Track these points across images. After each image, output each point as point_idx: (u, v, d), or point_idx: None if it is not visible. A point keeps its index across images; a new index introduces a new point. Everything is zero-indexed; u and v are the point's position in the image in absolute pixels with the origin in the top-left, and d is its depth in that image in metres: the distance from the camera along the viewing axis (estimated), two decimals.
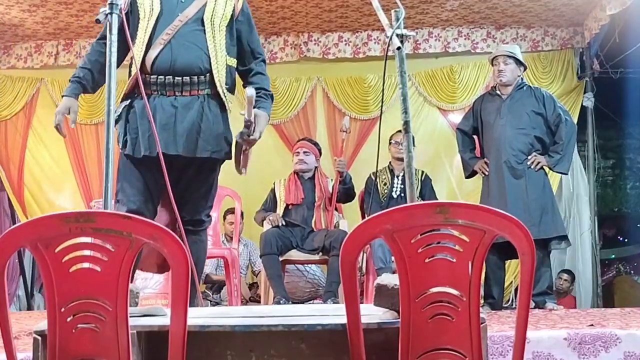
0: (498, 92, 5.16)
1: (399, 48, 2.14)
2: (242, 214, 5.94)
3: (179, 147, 3.03)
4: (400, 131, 2.11)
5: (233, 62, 3.22)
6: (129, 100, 3.10)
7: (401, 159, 5.27)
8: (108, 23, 2.41)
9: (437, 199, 5.61)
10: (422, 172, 5.73)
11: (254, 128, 3.09)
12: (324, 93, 7.24)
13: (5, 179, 7.12)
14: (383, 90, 2.97)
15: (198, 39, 3.10)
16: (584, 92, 7.04)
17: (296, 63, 7.21)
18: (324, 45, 7.11)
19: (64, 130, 3.11)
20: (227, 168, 3.33)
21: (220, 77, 3.11)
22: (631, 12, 6.06)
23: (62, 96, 3.14)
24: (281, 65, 7.15)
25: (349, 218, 5.77)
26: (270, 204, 5.48)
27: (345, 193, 5.43)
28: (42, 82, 7.27)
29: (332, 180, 5.51)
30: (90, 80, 3.13)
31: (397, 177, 5.57)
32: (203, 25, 3.11)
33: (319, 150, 5.61)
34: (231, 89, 3.22)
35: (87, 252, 1.76)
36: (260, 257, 5.09)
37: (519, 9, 6.69)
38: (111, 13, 2.39)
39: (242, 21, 3.26)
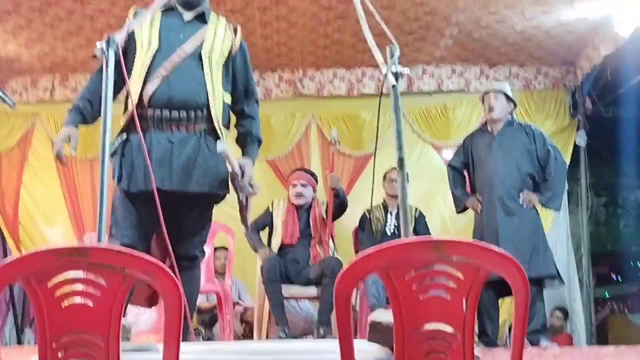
0: (489, 128, 5.19)
1: (393, 86, 2.16)
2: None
3: (175, 183, 3.02)
4: (395, 168, 2.12)
5: (229, 98, 3.24)
6: (125, 135, 3.10)
7: (395, 196, 5.28)
8: (105, 58, 2.42)
9: None
10: (416, 209, 5.72)
11: (242, 176, 3.10)
12: (318, 129, 7.27)
13: None
14: (377, 126, 2.96)
15: (196, 74, 3.10)
16: (577, 131, 7.09)
17: (291, 99, 7.25)
18: (319, 81, 7.17)
19: (64, 159, 3.08)
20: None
21: (217, 113, 3.11)
22: (623, 51, 6.16)
23: (63, 125, 3.12)
24: (276, 101, 7.20)
25: (343, 251, 5.70)
26: (261, 223, 5.44)
27: (339, 207, 5.39)
28: (37, 117, 7.28)
29: (324, 202, 5.49)
30: (89, 110, 3.12)
31: (391, 213, 5.57)
32: (201, 60, 3.12)
33: (316, 180, 5.58)
34: (227, 125, 3.23)
35: (79, 287, 1.75)
36: (263, 283, 5.01)
37: (512, 48, 6.77)
38: (108, 49, 2.40)
39: (238, 59, 3.28)
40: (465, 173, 5.36)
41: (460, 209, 5.32)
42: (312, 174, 5.61)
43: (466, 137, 5.47)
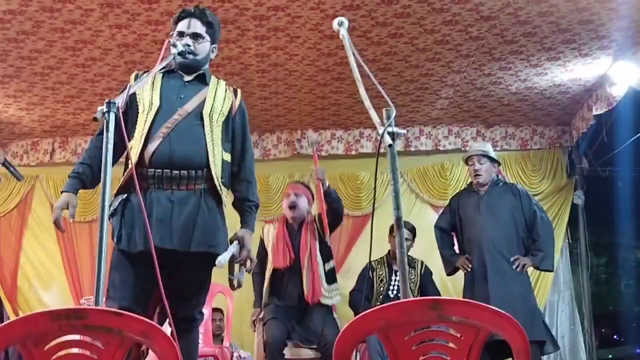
0: (475, 188, 5.19)
1: (390, 145, 2.17)
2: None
3: (175, 242, 3.00)
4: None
5: (228, 157, 3.25)
6: (125, 194, 3.10)
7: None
8: (105, 121, 2.43)
9: (439, 293, 5.57)
10: (422, 262, 5.67)
11: (240, 253, 3.12)
12: (317, 189, 7.25)
13: None
14: (375, 185, 2.98)
15: (196, 133, 3.12)
16: (574, 190, 7.11)
17: (289, 159, 7.29)
18: (317, 142, 7.22)
19: (63, 225, 3.07)
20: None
21: (217, 172, 3.12)
22: (618, 111, 6.23)
23: (62, 192, 3.13)
24: (275, 161, 7.24)
25: (342, 314, 5.61)
26: (260, 257, 4.96)
27: (333, 212, 5.01)
28: (37, 179, 7.31)
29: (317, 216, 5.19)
30: (89, 175, 3.13)
31: (396, 273, 5.50)
32: (202, 120, 3.14)
33: (312, 194, 5.25)
34: (227, 183, 3.24)
35: (76, 350, 1.73)
36: (265, 354, 4.84)
37: (508, 108, 6.84)
38: (109, 112, 2.42)
39: (237, 119, 3.31)
40: (453, 233, 5.35)
41: (450, 270, 5.27)
42: (308, 187, 5.30)
43: (452, 197, 5.47)
